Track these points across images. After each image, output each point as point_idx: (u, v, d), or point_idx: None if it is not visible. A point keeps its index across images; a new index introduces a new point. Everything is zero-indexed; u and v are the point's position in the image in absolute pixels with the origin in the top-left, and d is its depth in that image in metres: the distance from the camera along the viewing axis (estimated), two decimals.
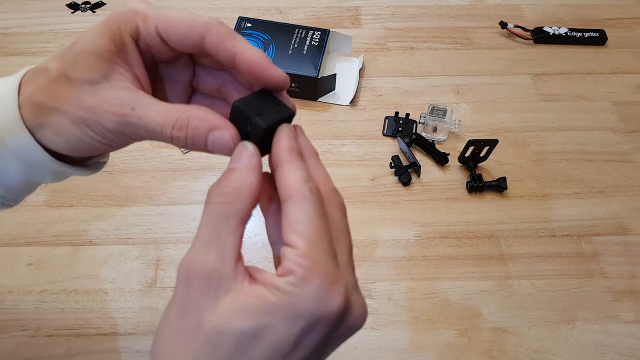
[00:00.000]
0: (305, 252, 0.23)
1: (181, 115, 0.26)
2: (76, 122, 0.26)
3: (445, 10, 0.83)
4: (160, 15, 0.26)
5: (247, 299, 0.23)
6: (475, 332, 0.54)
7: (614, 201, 0.64)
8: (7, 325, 0.53)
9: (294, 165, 0.25)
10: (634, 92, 0.74)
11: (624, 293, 0.57)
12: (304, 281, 0.23)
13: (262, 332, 0.22)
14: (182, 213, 0.62)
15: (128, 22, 0.26)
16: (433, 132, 0.68)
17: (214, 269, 0.23)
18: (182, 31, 0.26)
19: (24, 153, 0.28)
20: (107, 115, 0.26)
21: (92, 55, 0.26)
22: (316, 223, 0.24)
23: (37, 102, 0.27)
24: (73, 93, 0.26)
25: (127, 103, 0.26)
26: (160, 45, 0.27)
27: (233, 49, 0.26)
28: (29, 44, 0.76)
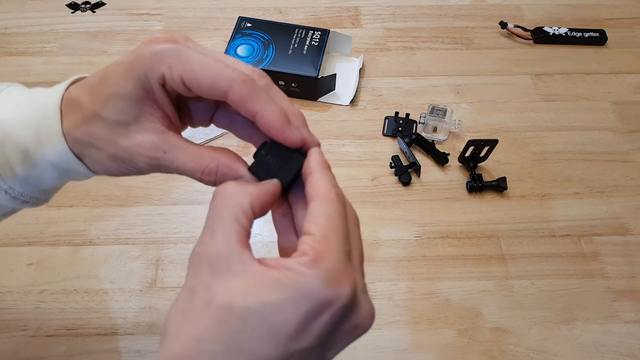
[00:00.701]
0: (321, 238, 0.24)
1: (209, 164, 0.28)
2: (112, 158, 0.29)
3: (445, 10, 0.83)
4: (185, 64, 0.27)
5: (255, 279, 0.23)
6: (475, 332, 0.54)
7: (614, 201, 0.64)
8: (7, 325, 0.53)
9: (325, 174, 0.27)
10: (634, 92, 0.74)
11: (624, 293, 0.57)
12: (315, 262, 0.23)
13: (267, 310, 0.23)
14: (182, 213, 0.62)
15: (154, 69, 0.27)
16: (433, 132, 0.68)
17: (221, 252, 0.24)
18: (206, 85, 0.27)
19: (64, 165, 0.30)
20: (140, 158, 0.28)
21: (123, 99, 0.27)
22: (336, 219, 0.25)
23: (74, 137, 0.29)
24: (107, 133, 0.28)
25: (159, 147, 0.28)
26: (185, 91, 0.28)
27: (253, 110, 0.27)
28: (29, 44, 0.76)
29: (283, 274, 0.23)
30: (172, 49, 0.27)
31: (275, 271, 0.23)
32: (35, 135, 0.29)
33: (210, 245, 0.25)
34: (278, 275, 0.23)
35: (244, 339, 0.23)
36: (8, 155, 0.29)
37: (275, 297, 0.23)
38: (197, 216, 0.61)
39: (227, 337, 0.23)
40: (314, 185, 0.27)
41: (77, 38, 0.77)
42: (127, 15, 0.81)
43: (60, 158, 0.29)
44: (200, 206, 0.62)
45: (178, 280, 0.57)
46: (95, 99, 0.28)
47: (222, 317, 0.23)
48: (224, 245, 0.25)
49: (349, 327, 0.25)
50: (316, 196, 0.26)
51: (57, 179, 0.31)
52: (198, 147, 0.29)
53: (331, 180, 0.27)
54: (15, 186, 0.30)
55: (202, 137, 0.67)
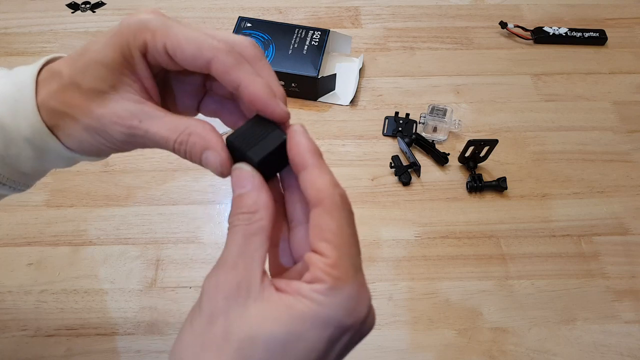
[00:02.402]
0: (336, 262, 0.23)
1: (183, 131, 0.27)
2: (86, 129, 0.27)
3: (445, 10, 0.83)
4: (170, 33, 0.26)
5: (276, 307, 0.23)
6: (475, 332, 0.54)
7: (614, 201, 0.63)
8: (7, 325, 0.53)
9: (322, 169, 0.25)
10: (634, 92, 0.74)
11: (624, 293, 0.57)
12: (333, 290, 0.23)
13: (291, 339, 0.22)
14: (182, 213, 0.62)
15: (137, 37, 0.26)
16: (433, 132, 0.68)
17: (242, 280, 0.24)
18: (189, 54, 0.26)
19: (38, 141, 0.28)
20: (115, 127, 0.27)
21: (102, 66, 0.26)
22: (347, 233, 0.24)
23: (50, 106, 0.28)
24: (83, 102, 0.27)
25: (135, 115, 0.27)
26: (168, 61, 0.27)
27: (237, 79, 0.26)
28: (29, 44, 0.76)
29: (303, 304, 0.23)
30: (157, 19, 0.27)
31: (291, 298, 0.23)
32: (11, 110, 0.28)
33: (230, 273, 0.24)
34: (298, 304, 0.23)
35: None
36: None
37: (299, 327, 0.23)
38: (197, 216, 0.61)
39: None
40: (313, 187, 0.25)
41: (77, 38, 0.77)
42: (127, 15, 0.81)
43: (34, 132, 0.28)
44: (200, 206, 0.62)
45: (178, 280, 0.57)
46: (75, 67, 0.27)
47: (244, 348, 0.22)
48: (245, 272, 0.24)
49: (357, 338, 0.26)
50: (320, 202, 0.24)
51: (33, 159, 0.30)
52: (174, 116, 0.28)
53: (331, 178, 0.25)
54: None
55: None
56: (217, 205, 0.62)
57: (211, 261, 0.58)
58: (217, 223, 0.61)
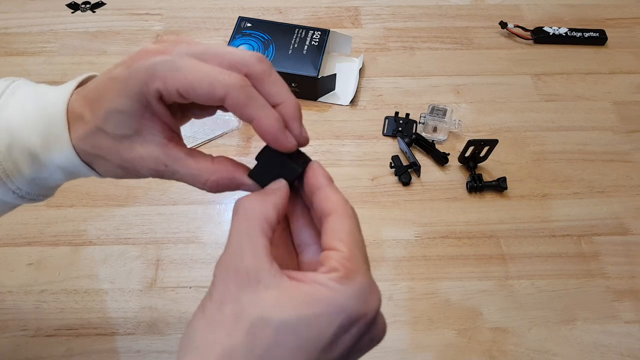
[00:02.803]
0: (349, 255, 0.25)
1: (209, 178, 0.29)
2: (119, 167, 0.30)
3: (445, 10, 0.83)
4: (180, 76, 0.27)
5: (289, 293, 0.24)
6: (475, 332, 0.54)
7: (614, 201, 0.64)
8: (7, 325, 0.53)
9: (335, 188, 0.28)
10: (634, 92, 0.74)
11: (624, 293, 0.57)
12: (348, 279, 0.24)
13: (302, 323, 0.23)
14: (182, 213, 0.62)
15: (149, 86, 0.27)
16: (433, 132, 0.68)
17: (251, 266, 0.25)
18: (202, 94, 0.27)
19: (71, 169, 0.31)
20: (143, 169, 0.30)
21: (123, 115, 0.28)
22: (357, 236, 0.27)
23: (82, 149, 0.30)
24: (112, 145, 0.29)
25: (161, 161, 0.29)
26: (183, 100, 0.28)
27: (250, 116, 0.28)
28: (29, 44, 0.76)
29: (317, 289, 0.24)
30: (164, 61, 0.27)
31: (306, 286, 0.24)
32: (43, 141, 0.29)
33: (238, 258, 0.25)
34: (311, 290, 0.24)
35: (276, 351, 0.23)
36: (16, 158, 0.30)
37: (311, 312, 0.23)
38: (197, 216, 0.61)
39: (260, 349, 0.23)
40: (329, 200, 0.28)
41: (77, 38, 0.77)
42: (127, 15, 0.81)
43: (69, 163, 0.30)
44: (200, 206, 0.62)
45: (178, 280, 0.57)
46: (95, 115, 0.29)
47: (255, 330, 0.23)
48: (253, 259, 0.25)
49: (367, 341, 0.26)
50: (334, 211, 0.27)
51: (64, 179, 0.32)
52: (197, 159, 0.30)
53: (343, 196, 0.28)
54: (22, 186, 0.31)
55: (202, 137, 0.67)
56: (217, 205, 0.62)
57: (211, 261, 0.58)
58: (217, 223, 0.61)
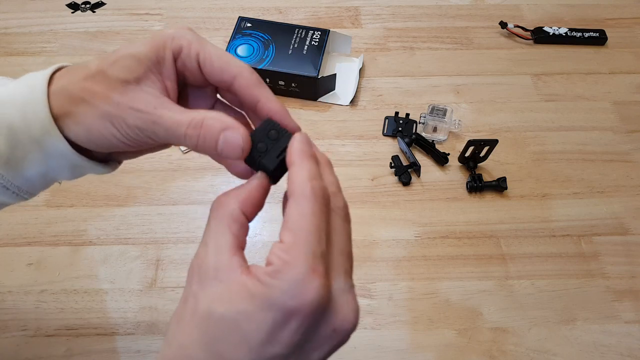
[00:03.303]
0: (288, 246, 0.24)
1: (197, 115, 0.28)
2: (101, 116, 0.28)
3: (445, 10, 0.83)
4: (203, 46, 0.30)
5: (232, 287, 0.24)
6: (475, 332, 0.54)
7: (614, 201, 0.64)
8: (7, 325, 0.54)
9: (301, 165, 0.26)
10: (634, 92, 0.74)
11: (624, 293, 0.57)
12: (278, 273, 0.24)
13: (239, 318, 0.24)
14: (182, 213, 0.62)
15: (174, 41, 0.29)
16: (433, 132, 0.68)
17: (212, 262, 0.25)
18: (218, 66, 0.29)
19: (47, 142, 0.29)
20: (130, 112, 0.28)
21: (133, 58, 0.28)
22: (308, 220, 0.25)
23: (69, 92, 0.28)
24: (104, 89, 0.28)
25: (151, 104, 0.28)
26: (195, 70, 0.30)
27: (257, 96, 0.30)
28: (29, 44, 0.76)
29: (254, 284, 0.24)
30: (193, 33, 0.30)
31: (249, 280, 0.24)
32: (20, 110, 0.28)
33: (202, 256, 0.26)
34: (250, 284, 0.24)
35: (221, 345, 0.24)
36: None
37: (245, 307, 0.24)
38: (197, 216, 0.61)
39: (207, 343, 0.24)
40: (290, 180, 0.26)
41: (77, 38, 0.77)
42: (127, 15, 0.81)
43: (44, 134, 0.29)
44: (200, 206, 0.62)
45: (178, 280, 0.57)
46: (105, 60, 0.29)
47: (203, 324, 0.24)
48: (214, 255, 0.26)
49: (327, 332, 0.25)
50: (291, 194, 0.26)
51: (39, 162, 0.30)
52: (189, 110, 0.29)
53: (308, 173, 0.26)
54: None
55: None
56: None
57: None
58: None
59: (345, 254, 0.26)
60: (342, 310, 0.25)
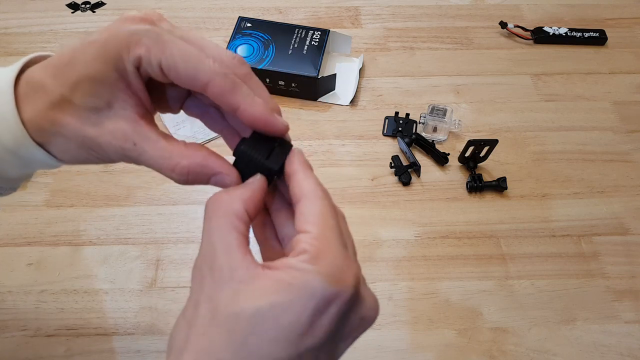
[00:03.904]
0: (318, 235, 0.24)
1: (180, 162, 0.27)
2: (80, 146, 0.27)
3: (445, 10, 0.83)
4: (165, 50, 0.25)
5: (261, 282, 0.23)
6: (475, 332, 0.54)
7: (614, 201, 0.63)
8: (7, 325, 0.53)
9: (308, 173, 0.28)
10: (634, 92, 0.74)
11: (624, 293, 0.57)
12: (317, 258, 0.23)
13: (276, 310, 0.22)
14: (182, 213, 0.62)
15: (130, 51, 0.25)
16: (433, 132, 0.68)
17: (225, 263, 0.24)
18: (185, 75, 0.26)
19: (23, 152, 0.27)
20: (109, 147, 0.27)
21: (95, 83, 0.25)
22: (328, 216, 0.26)
23: (39, 125, 0.26)
24: (76, 121, 0.26)
25: (129, 138, 0.26)
26: (161, 77, 0.27)
27: (235, 103, 0.27)
28: (29, 44, 0.76)
29: (287, 274, 0.23)
30: (150, 30, 0.25)
31: (278, 272, 0.23)
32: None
33: (211, 257, 0.25)
34: (282, 275, 0.23)
35: (253, 343, 0.22)
36: None
37: (282, 297, 0.22)
38: (197, 216, 0.61)
39: (237, 343, 0.22)
40: (300, 185, 0.27)
41: (77, 38, 0.77)
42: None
43: (19, 146, 0.27)
44: (200, 206, 0.62)
45: (178, 280, 0.57)
46: (62, 82, 0.25)
47: (230, 324, 0.23)
48: (225, 255, 0.24)
49: (356, 321, 0.25)
50: (305, 195, 0.26)
51: (19, 167, 0.28)
52: (170, 142, 0.27)
53: (315, 179, 0.27)
54: None
55: (202, 137, 0.67)
56: None
57: None
58: None
59: (354, 251, 0.28)
60: (367, 299, 0.26)
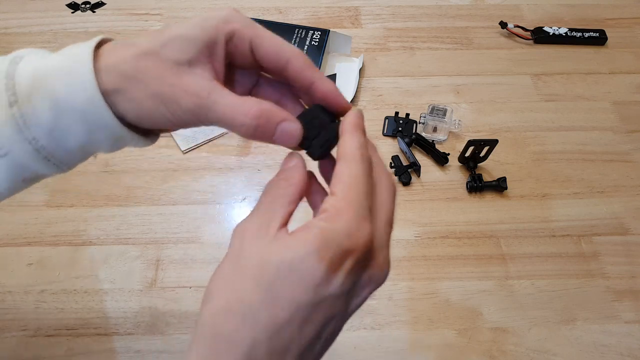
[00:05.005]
0: (342, 197, 0.27)
1: (254, 106, 0.29)
2: (153, 96, 0.28)
3: (445, 10, 0.83)
4: (257, 31, 0.30)
5: (286, 241, 0.26)
6: (475, 332, 0.54)
7: (614, 201, 0.64)
8: (7, 325, 0.53)
9: (354, 135, 0.30)
10: (634, 92, 0.74)
11: (624, 293, 0.57)
12: (334, 216, 0.26)
13: (297, 261, 0.25)
14: (182, 213, 0.62)
15: (228, 23, 0.29)
16: (433, 132, 0.68)
17: (261, 227, 0.27)
18: (271, 51, 0.30)
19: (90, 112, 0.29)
20: (184, 95, 0.28)
21: (186, 41, 0.29)
22: (359, 178, 0.28)
23: (120, 70, 0.28)
24: (159, 69, 0.28)
25: (204, 88, 0.29)
26: (246, 54, 0.30)
27: (311, 78, 0.31)
28: (29, 44, 0.76)
29: (308, 232, 0.26)
30: (244, 17, 0.30)
31: (302, 232, 0.26)
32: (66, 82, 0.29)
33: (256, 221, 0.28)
34: (303, 233, 0.26)
35: (277, 288, 0.25)
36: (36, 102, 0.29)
37: (302, 250, 0.25)
38: (197, 216, 0.61)
39: (263, 289, 0.25)
40: (342, 147, 0.29)
41: (77, 38, 0.77)
42: (127, 15, 0.81)
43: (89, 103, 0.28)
44: (200, 206, 0.62)
45: (178, 280, 0.57)
46: (155, 39, 0.29)
47: (258, 273, 0.26)
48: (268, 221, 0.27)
49: (366, 279, 0.28)
50: (342, 157, 0.28)
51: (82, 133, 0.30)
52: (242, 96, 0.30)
53: (359, 142, 0.29)
54: (39, 137, 0.29)
55: (202, 137, 0.67)
56: (217, 205, 0.62)
57: (211, 261, 0.58)
58: (217, 223, 0.61)
59: (386, 220, 0.29)
60: (379, 260, 0.28)
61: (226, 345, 0.25)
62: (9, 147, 0.29)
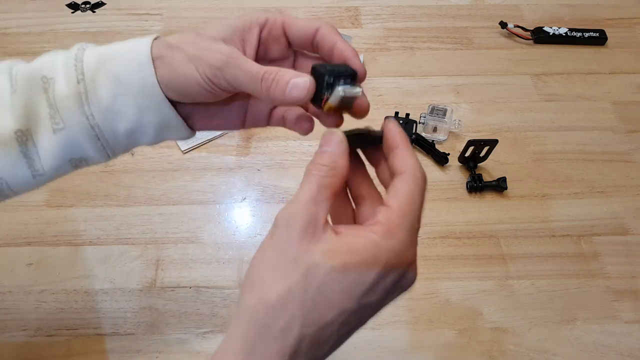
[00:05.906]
0: (397, 212, 0.28)
1: (271, 67, 0.32)
2: (187, 59, 0.33)
3: (445, 10, 0.83)
4: (288, 16, 0.36)
5: (336, 245, 0.28)
6: (475, 332, 0.54)
7: (614, 201, 0.63)
8: (7, 325, 0.53)
9: (409, 149, 0.31)
10: (634, 92, 0.74)
11: (624, 293, 0.57)
12: (389, 233, 0.28)
13: (346, 270, 0.27)
14: (182, 213, 0.62)
15: (260, 16, 0.35)
16: (433, 132, 0.68)
17: (310, 222, 0.28)
18: (302, 25, 0.35)
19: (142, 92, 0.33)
20: (213, 53, 0.32)
21: (222, 24, 0.35)
22: (416, 200, 0.29)
23: (167, 42, 0.34)
24: (197, 39, 0.33)
25: (233, 52, 0.33)
26: (279, 36, 0.36)
27: (335, 41, 0.35)
28: (29, 44, 0.76)
29: (360, 242, 0.28)
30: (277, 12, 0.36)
31: (352, 238, 0.28)
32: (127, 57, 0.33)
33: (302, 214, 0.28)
34: (356, 242, 0.28)
35: (326, 291, 0.27)
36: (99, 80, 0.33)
37: (354, 260, 0.27)
38: (197, 216, 0.61)
39: (313, 289, 0.27)
40: (403, 160, 0.31)
41: (77, 38, 0.77)
42: (127, 15, 0.81)
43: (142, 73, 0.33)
44: (200, 206, 0.62)
45: (178, 280, 0.57)
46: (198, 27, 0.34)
47: (309, 273, 0.27)
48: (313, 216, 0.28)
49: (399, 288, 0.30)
50: (403, 172, 0.30)
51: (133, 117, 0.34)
52: None
53: (417, 159, 0.31)
54: (96, 114, 0.33)
55: (202, 137, 0.67)
56: (217, 205, 0.62)
57: (211, 261, 0.58)
58: (217, 223, 0.61)
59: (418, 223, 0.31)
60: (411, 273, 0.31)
61: (275, 337, 0.27)
62: (67, 121, 0.33)
